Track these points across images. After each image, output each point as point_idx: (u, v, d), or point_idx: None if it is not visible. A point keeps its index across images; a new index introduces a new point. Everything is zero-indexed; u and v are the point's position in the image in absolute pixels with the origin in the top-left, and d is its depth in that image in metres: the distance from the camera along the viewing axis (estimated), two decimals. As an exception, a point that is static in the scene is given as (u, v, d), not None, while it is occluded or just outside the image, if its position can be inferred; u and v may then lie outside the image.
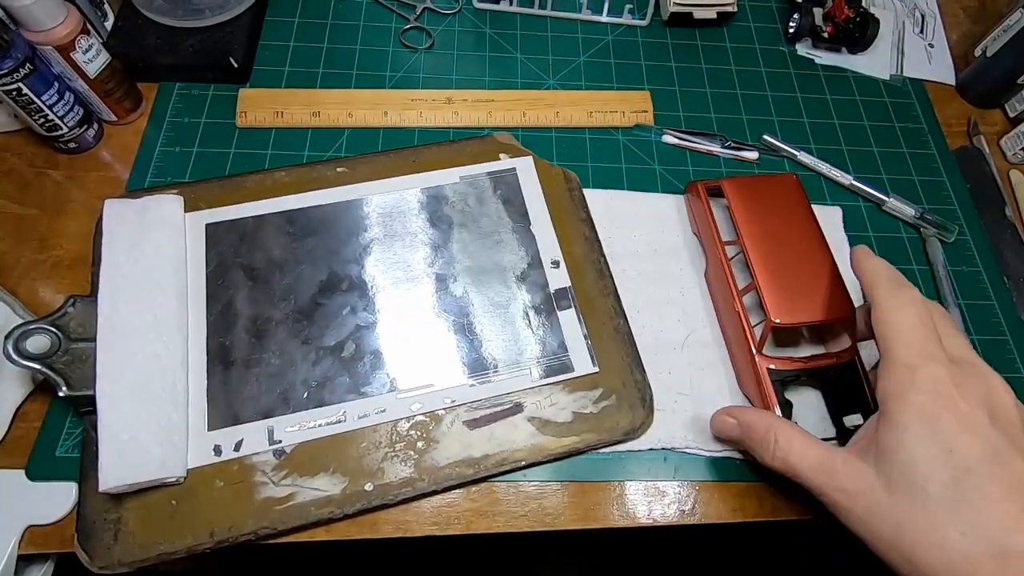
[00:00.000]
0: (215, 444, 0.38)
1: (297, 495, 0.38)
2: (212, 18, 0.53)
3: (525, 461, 0.40)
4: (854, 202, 0.53)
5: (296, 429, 0.39)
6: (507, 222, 0.47)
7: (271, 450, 0.39)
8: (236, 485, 0.38)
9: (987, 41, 0.58)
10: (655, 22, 0.61)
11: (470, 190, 0.48)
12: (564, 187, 0.49)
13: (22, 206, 0.48)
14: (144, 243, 0.42)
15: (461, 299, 0.44)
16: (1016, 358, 0.47)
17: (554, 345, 0.43)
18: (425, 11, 0.60)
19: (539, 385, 0.42)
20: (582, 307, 0.44)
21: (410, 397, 0.41)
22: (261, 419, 0.39)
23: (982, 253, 0.51)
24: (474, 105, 0.54)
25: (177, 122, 0.52)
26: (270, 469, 0.38)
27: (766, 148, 0.54)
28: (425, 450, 0.39)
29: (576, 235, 0.47)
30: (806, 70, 0.60)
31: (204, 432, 0.39)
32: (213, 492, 0.37)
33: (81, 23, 0.45)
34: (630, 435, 0.41)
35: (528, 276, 0.45)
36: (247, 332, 0.42)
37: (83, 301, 0.40)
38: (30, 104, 0.44)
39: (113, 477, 0.35)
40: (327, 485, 0.38)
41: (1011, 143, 0.57)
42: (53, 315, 0.39)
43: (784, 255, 0.42)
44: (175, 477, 0.37)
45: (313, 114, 0.52)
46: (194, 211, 0.45)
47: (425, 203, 0.47)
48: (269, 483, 0.38)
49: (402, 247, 0.45)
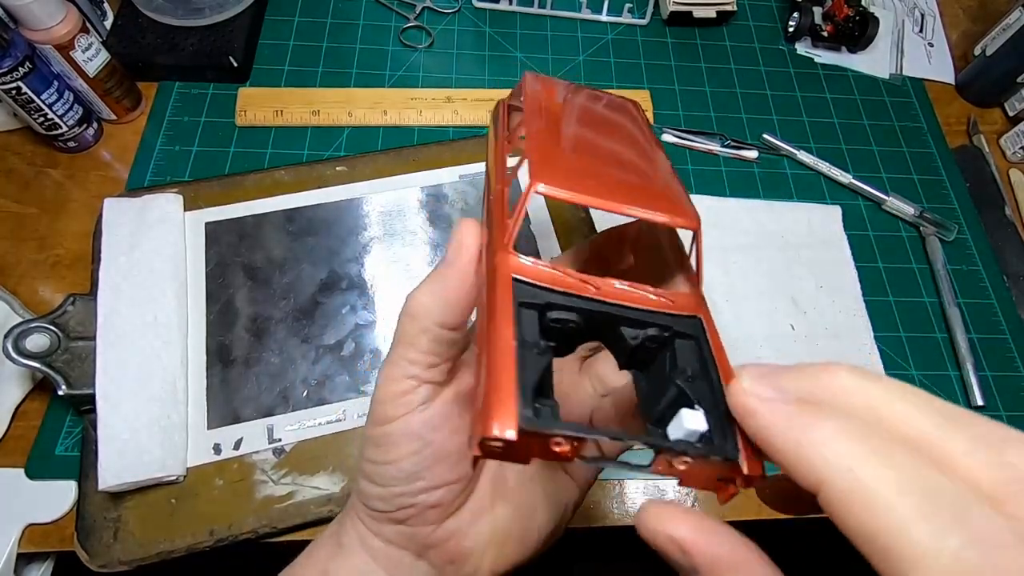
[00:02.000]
0: (215, 443, 0.38)
1: (297, 493, 0.38)
2: (212, 17, 0.53)
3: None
4: (853, 201, 0.53)
5: (296, 428, 0.39)
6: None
7: (271, 449, 0.39)
8: (236, 484, 0.38)
9: (987, 40, 0.58)
10: (655, 21, 0.61)
11: (470, 189, 0.48)
12: None
13: (22, 205, 0.48)
14: (144, 242, 0.42)
15: None
16: (1016, 358, 0.47)
17: None
18: (425, 10, 0.60)
19: None
20: None
21: None
22: (261, 418, 0.39)
23: (982, 252, 0.51)
24: (474, 104, 0.54)
25: (177, 121, 0.52)
26: (270, 468, 0.38)
27: (766, 147, 0.54)
28: None
29: (576, 235, 0.47)
30: (806, 69, 0.60)
31: (204, 431, 0.39)
32: (213, 491, 0.37)
33: (81, 22, 0.45)
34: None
35: None
36: (247, 331, 0.42)
37: (83, 300, 0.40)
38: (29, 103, 0.44)
39: (113, 476, 0.35)
40: (327, 484, 0.38)
41: (1011, 142, 0.57)
42: (52, 314, 0.39)
43: (587, 141, 0.25)
44: (175, 476, 0.37)
45: (313, 113, 0.52)
46: (194, 210, 0.45)
47: (425, 202, 0.47)
48: (269, 482, 0.38)
49: (402, 245, 0.46)
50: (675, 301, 0.21)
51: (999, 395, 0.46)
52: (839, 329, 0.47)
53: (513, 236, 0.21)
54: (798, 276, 0.48)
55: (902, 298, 0.49)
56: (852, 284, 0.49)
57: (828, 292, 0.48)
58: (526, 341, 0.18)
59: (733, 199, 0.51)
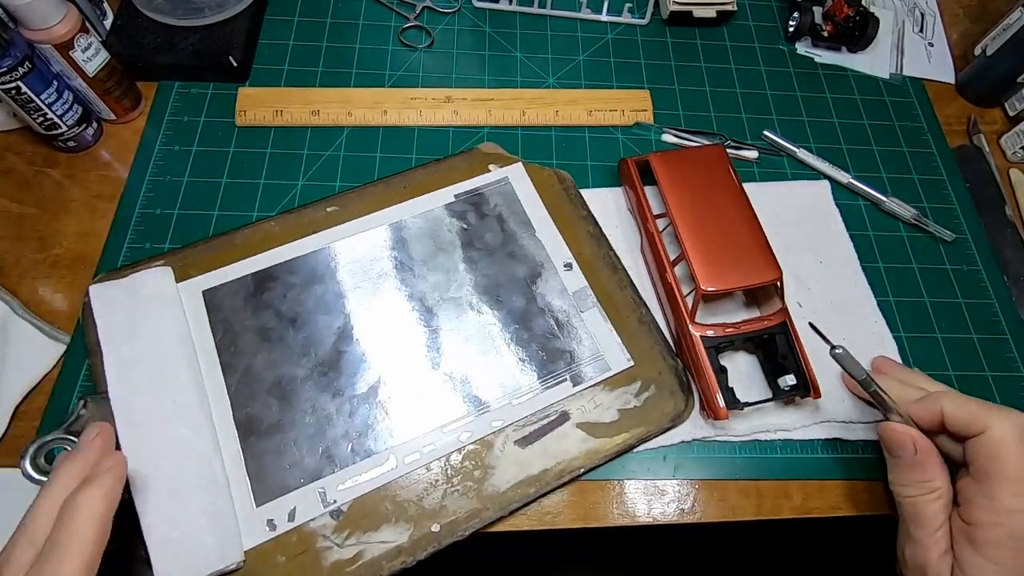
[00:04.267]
0: (267, 519, 0.36)
1: (366, 552, 0.36)
2: (211, 17, 0.53)
3: (583, 468, 0.39)
4: (854, 201, 0.53)
5: (349, 486, 0.38)
6: (512, 233, 0.46)
7: (327, 512, 0.37)
8: (299, 557, 0.36)
9: (987, 40, 0.58)
10: (655, 21, 0.61)
11: (468, 207, 0.47)
12: (559, 188, 0.49)
13: (22, 205, 0.48)
14: (143, 326, 0.39)
15: (483, 319, 0.43)
16: (1016, 358, 0.47)
17: (586, 347, 0.43)
18: (425, 10, 0.60)
19: (580, 390, 0.41)
20: (603, 304, 0.44)
21: (456, 428, 0.40)
22: (310, 483, 0.37)
23: (982, 252, 0.51)
24: (474, 104, 0.54)
25: (176, 121, 0.52)
26: (331, 532, 0.36)
27: (767, 144, 0.54)
28: (483, 478, 0.39)
29: (582, 234, 0.47)
30: (806, 69, 0.60)
31: (253, 509, 0.37)
32: (276, 569, 0.35)
33: (80, 22, 0.45)
34: (677, 420, 0.41)
35: (545, 283, 0.45)
36: (273, 396, 0.40)
37: (94, 400, 0.37)
38: (29, 103, 0.44)
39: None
40: (393, 535, 0.36)
41: (1011, 142, 0.57)
42: (66, 422, 0.36)
43: (711, 224, 0.43)
44: (235, 564, 0.35)
45: (312, 113, 0.52)
46: (186, 280, 0.43)
47: (426, 229, 0.46)
48: (333, 547, 0.36)
49: (412, 278, 0.44)
50: (772, 317, 0.42)
51: (999, 395, 0.46)
52: (844, 302, 0.47)
53: (695, 313, 0.42)
54: (797, 253, 0.49)
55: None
56: (849, 255, 0.49)
57: (828, 266, 0.49)
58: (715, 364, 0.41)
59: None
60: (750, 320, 0.42)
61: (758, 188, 0.51)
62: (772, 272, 0.42)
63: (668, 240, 0.45)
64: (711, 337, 0.41)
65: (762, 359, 0.44)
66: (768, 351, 0.43)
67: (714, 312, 0.45)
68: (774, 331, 0.42)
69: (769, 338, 0.42)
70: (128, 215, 0.47)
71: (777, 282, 0.42)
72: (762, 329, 0.42)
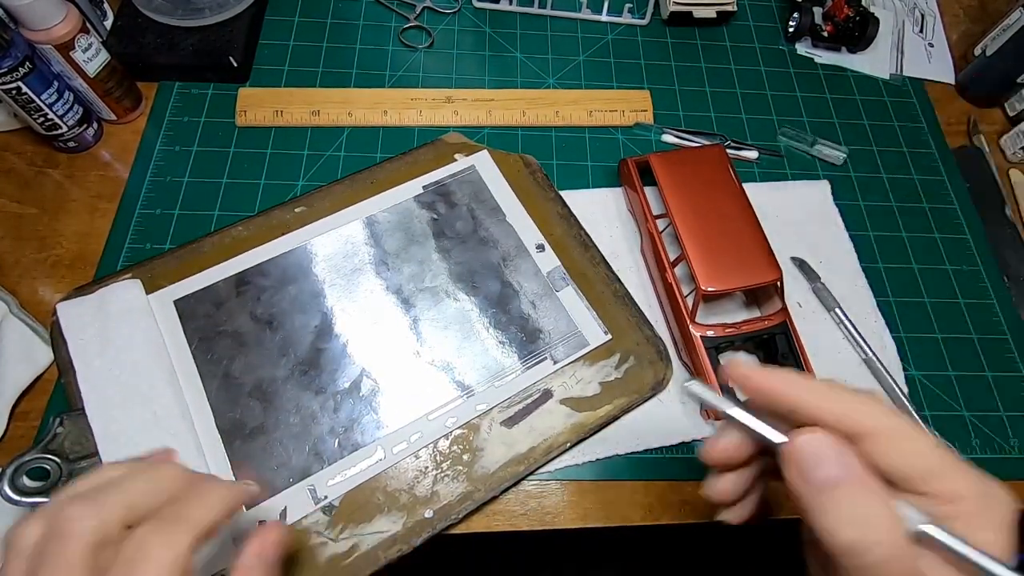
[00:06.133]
0: (258, 521, 0.36)
1: (361, 544, 0.36)
2: (212, 17, 0.53)
3: (569, 442, 0.40)
4: (854, 201, 0.53)
5: (339, 480, 0.38)
6: (482, 219, 0.47)
7: (319, 508, 0.37)
8: (294, 555, 0.36)
9: (987, 40, 0.58)
10: (655, 21, 0.61)
11: (436, 197, 0.48)
12: (526, 172, 0.49)
13: (22, 205, 0.48)
14: (115, 338, 0.39)
15: (461, 306, 0.44)
16: (1016, 358, 0.47)
17: (563, 324, 0.43)
18: (425, 10, 0.60)
19: (561, 367, 0.42)
20: (577, 282, 0.45)
21: (442, 414, 0.40)
22: (299, 481, 0.38)
23: (982, 253, 0.51)
24: (474, 104, 0.54)
25: (177, 121, 0.52)
26: (324, 527, 0.37)
27: (767, 145, 0.54)
28: (472, 461, 0.39)
29: (551, 215, 0.48)
30: (806, 69, 0.60)
31: (243, 513, 0.37)
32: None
33: (81, 22, 0.45)
34: (657, 389, 0.42)
35: (518, 266, 0.45)
36: (255, 399, 0.40)
37: (70, 417, 0.37)
38: (29, 103, 0.44)
39: None
40: (387, 525, 0.37)
41: (1011, 142, 0.57)
42: (43, 442, 0.36)
43: (712, 224, 0.43)
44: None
45: (313, 113, 0.52)
46: (156, 291, 0.42)
47: (396, 222, 0.46)
48: (328, 541, 0.36)
49: (387, 271, 0.45)
50: (773, 317, 0.42)
51: (999, 395, 0.45)
52: (845, 300, 0.47)
53: (696, 313, 0.42)
54: (797, 253, 0.49)
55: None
56: (849, 255, 0.49)
57: (828, 266, 0.49)
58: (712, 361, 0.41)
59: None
60: (750, 320, 0.42)
61: (758, 188, 0.52)
62: (772, 272, 0.42)
63: (668, 240, 0.45)
64: (711, 337, 0.42)
65: (762, 359, 0.44)
66: (768, 351, 0.43)
67: (714, 312, 0.46)
68: (774, 331, 0.42)
69: (769, 338, 0.42)
70: (128, 215, 0.47)
71: (777, 282, 0.42)
72: (762, 329, 0.42)
